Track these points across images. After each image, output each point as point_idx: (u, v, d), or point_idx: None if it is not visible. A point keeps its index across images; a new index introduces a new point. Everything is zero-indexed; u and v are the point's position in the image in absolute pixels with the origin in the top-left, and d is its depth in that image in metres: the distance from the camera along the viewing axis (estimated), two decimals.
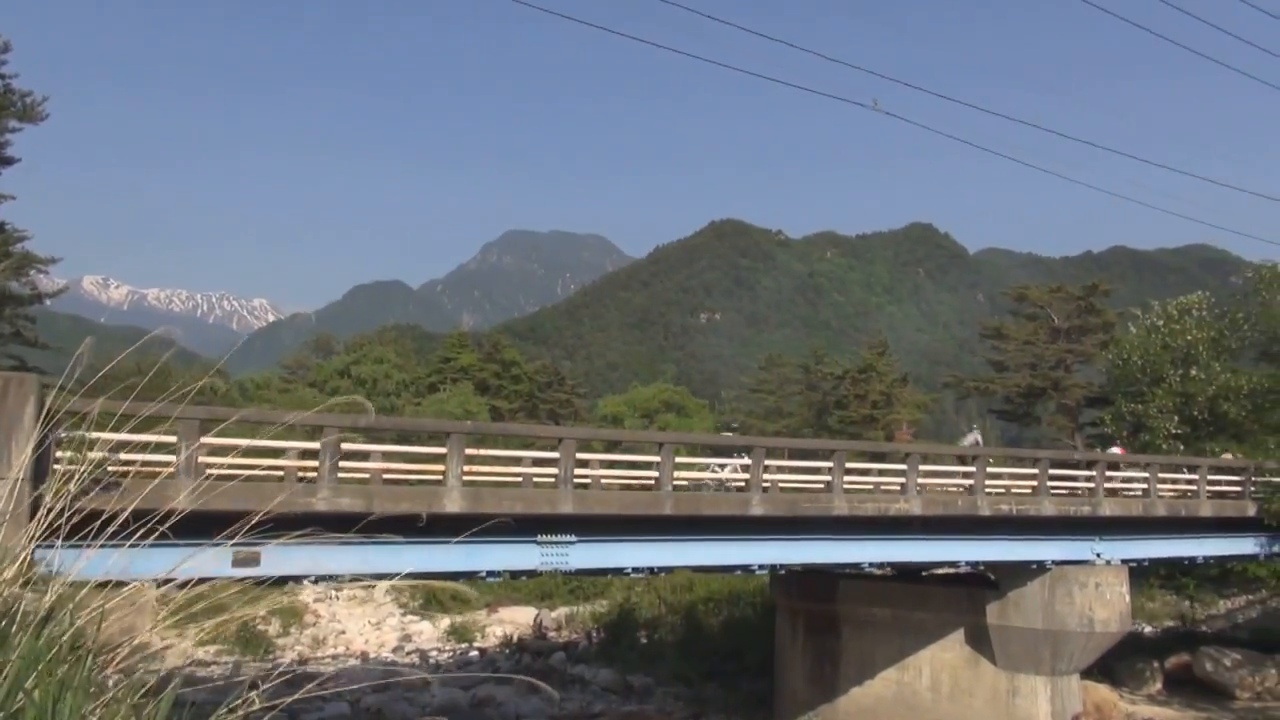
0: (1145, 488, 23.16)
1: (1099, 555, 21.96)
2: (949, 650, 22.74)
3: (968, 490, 20.21)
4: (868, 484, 19.87)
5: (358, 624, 35.54)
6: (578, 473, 15.79)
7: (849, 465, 18.58)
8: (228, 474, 12.11)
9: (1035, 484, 21.18)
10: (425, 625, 35.15)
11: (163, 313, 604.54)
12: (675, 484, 16.63)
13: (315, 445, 13.75)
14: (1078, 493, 22.31)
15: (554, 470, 15.93)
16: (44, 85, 32.19)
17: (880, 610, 23.98)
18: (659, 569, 19.10)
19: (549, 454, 18.51)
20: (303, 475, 14.37)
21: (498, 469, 16.58)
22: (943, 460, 23.24)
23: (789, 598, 25.98)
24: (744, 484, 17.54)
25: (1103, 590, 21.31)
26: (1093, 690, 24.55)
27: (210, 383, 32.39)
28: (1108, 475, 22.56)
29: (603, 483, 17.89)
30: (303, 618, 34.65)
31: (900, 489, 19.19)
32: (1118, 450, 29.62)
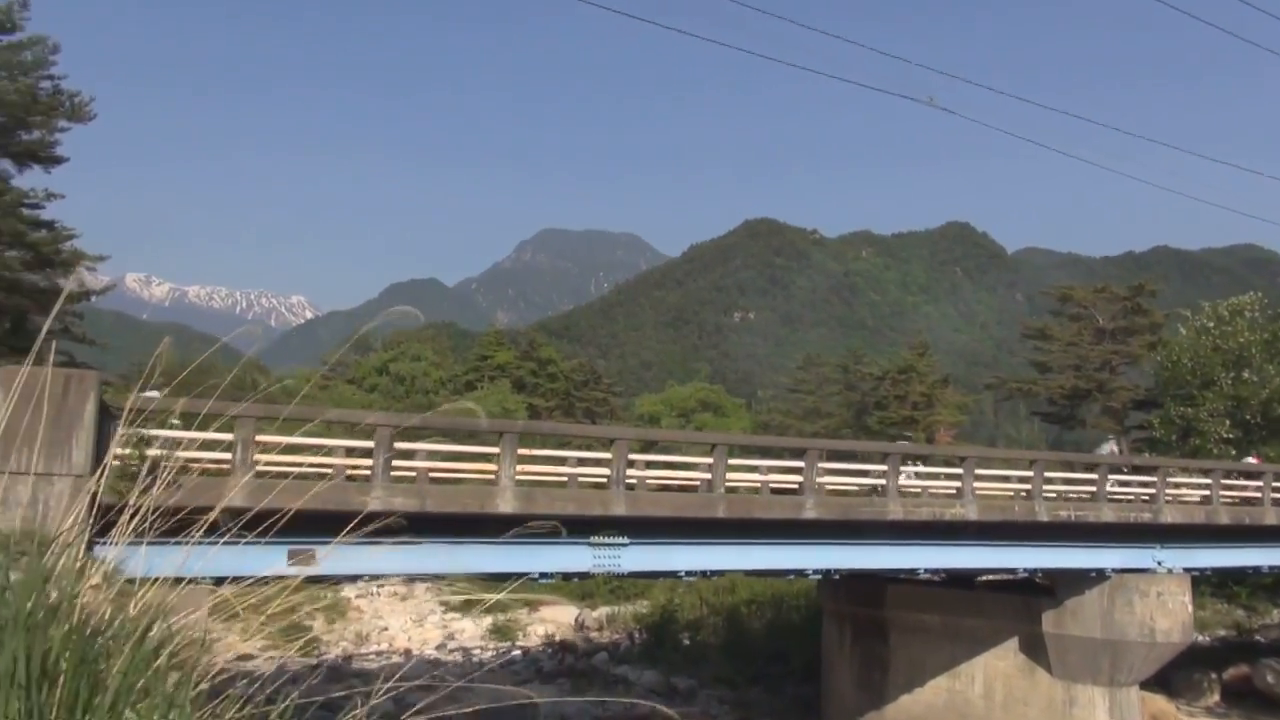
0: (1207, 494, 22.51)
1: (1160, 563, 21.34)
2: (1002, 658, 22.27)
3: (1025, 495, 19.75)
4: (915, 487, 19.52)
5: (400, 620, 35.61)
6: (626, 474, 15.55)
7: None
8: (282, 472, 12.05)
9: (1094, 489, 20.63)
10: (467, 623, 35.12)
11: (203, 309, 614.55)
12: (726, 485, 16.34)
13: (369, 444, 13.62)
14: (1134, 499, 21.74)
15: (600, 471, 15.68)
16: (88, 85, 32.29)
17: (930, 616, 23.55)
18: (712, 572, 18.81)
19: (593, 454, 18.33)
20: (352, 475, 14.28)
21: (545, 469, 16.40)
22: (992, 464, 22.72)
23: (836, 602, 25.63)
24: (878, 488, 17.78)
25: (1164, 599, 20.70)
26: (1150, 702, 23.93)
27: (260, 379, 32.56)
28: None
29: (647, 483, 17.68)
30: (346, 613, 34.81)
31: (956, 493, 18.79)
32: (1254, 460, 28.85)
